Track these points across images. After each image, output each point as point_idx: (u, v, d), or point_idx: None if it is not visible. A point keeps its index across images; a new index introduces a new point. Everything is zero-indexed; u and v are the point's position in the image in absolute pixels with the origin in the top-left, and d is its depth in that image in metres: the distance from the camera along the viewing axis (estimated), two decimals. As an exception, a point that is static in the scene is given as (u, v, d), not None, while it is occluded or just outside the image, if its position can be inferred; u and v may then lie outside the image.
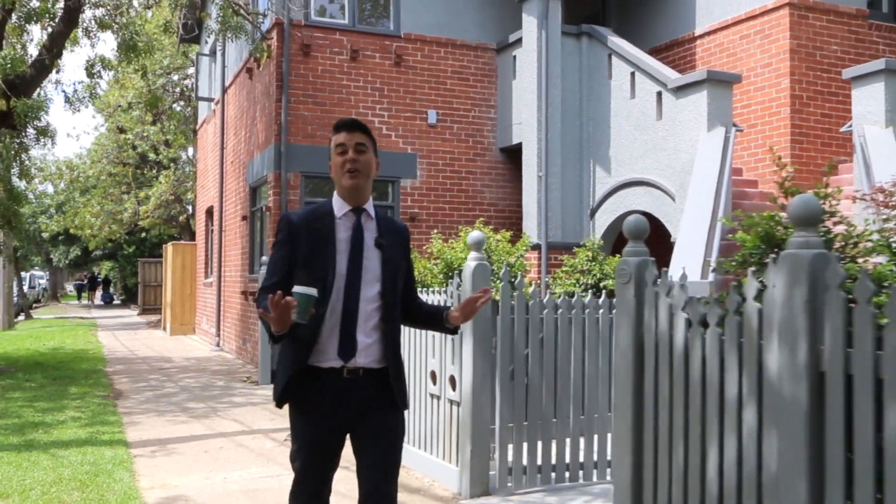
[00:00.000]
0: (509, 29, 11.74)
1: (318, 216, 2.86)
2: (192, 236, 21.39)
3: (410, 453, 5.58)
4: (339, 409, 2.78)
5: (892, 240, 3.35)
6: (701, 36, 10.95)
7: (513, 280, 5.53)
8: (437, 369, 5.28)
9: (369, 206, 2.90)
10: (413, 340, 5.63)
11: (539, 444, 5.03)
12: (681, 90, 9.20)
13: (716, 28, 10.68)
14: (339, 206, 2.87)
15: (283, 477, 5.44)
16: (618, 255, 8.21)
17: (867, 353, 2.47)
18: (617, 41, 10.49)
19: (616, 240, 10.70)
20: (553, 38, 10.71)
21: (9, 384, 9.98)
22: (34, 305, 35.62)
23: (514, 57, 11.50)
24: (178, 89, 20.06)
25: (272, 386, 10.91)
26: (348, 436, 2.86)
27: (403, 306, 2.99)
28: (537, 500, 4.85)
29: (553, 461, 5.06)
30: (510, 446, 5.00)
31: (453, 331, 3.06)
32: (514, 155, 11.72)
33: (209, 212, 16.82)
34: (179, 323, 18.99)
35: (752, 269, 2.93)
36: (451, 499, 4.94)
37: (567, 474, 5.09)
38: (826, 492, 2.58)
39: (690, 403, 3.16)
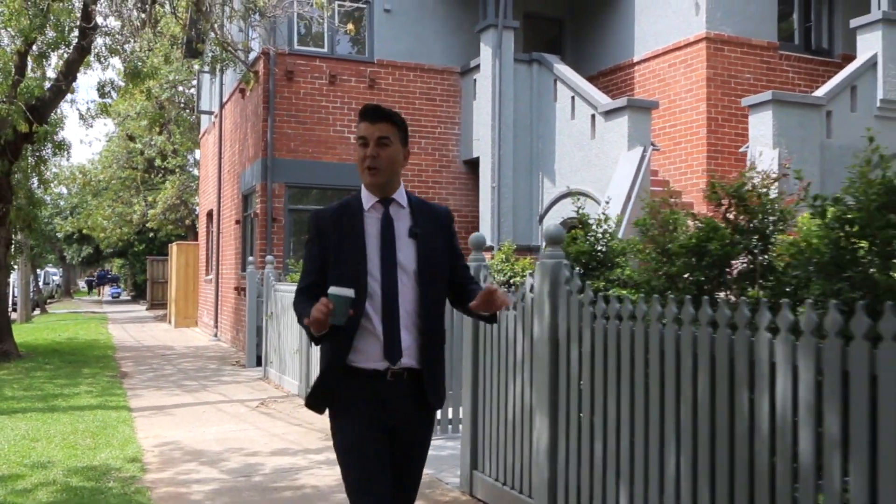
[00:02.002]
0: (472, 54, 13.13)
1: (346, 210, 2.72)
2: (197, 237, 22.97)
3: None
4: (384, 413, 2.65)
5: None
6: (639, 62, 12.38)
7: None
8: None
9: (399, 195, 2.75)
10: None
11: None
12: (608, 114, 10.66)
13: (650, 56, 12.11)
14: (366, 197, 2.73)
15: (249, 430, 6.95)
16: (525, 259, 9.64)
17: (575, 328, 3.95)
18: (561, 68, 11.93)
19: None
20: (506, 64, 12.16)
21: (31, 366, 11.57)
22: (48, 301, 37.25)
23: (475, 80, 12.95)
24: (182, 99, 21.64)
25: (257, 368, 12.47)
26: None
27: (455, 294, 2.84)
28: (437, 444, 6.37)
29: (450, 416, 6.58)
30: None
31: (488, 319, 2.82)
32: (475, 166, 13.15)
33: (209, 214, 18.38)
34: (183, 316, 20.53)
35: (530, 271, 4.42)
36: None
37: (461, 427, 6.58)
38: (559, 413, 4.08)
39: (502, 359, 4.67)
